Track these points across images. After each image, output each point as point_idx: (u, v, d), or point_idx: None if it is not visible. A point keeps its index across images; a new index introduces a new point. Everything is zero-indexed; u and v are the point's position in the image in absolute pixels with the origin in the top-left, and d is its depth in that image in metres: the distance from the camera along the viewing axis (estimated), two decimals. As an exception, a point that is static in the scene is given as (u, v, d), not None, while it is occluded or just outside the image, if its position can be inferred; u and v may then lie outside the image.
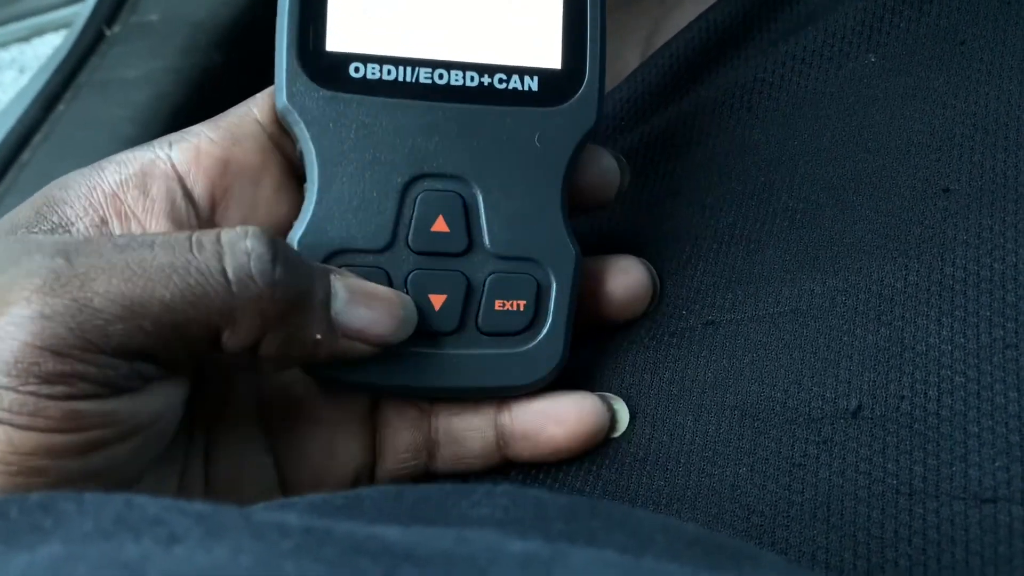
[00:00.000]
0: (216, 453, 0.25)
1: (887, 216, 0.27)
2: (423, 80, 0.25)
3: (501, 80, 0.26)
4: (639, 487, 0.26)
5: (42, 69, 0.45)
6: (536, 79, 0.26)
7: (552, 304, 0.26)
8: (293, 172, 0.26)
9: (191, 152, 0.24)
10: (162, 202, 0.24)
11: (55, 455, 0.20)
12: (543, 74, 0.26)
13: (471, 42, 0.25)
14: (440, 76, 0.25)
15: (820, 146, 0.30)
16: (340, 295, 0.23)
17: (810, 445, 0.24)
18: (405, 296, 0.25)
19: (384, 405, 0.27)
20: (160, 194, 0.24)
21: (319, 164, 0.25)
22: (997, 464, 0.22)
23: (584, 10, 0.26)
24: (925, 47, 0.30)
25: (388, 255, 0.25)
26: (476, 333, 0.26)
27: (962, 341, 0.24)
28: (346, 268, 0.25)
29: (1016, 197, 0.26)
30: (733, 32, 0.34)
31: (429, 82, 0.25)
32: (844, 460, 0.24)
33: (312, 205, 0.25)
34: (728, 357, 0.27)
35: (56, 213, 0.23)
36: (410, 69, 0.25)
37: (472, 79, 0.25)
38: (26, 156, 0.41)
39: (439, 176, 0.25)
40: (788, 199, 0.29)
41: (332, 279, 0.23)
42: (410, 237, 0.25)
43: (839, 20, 0.32)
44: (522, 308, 0.26)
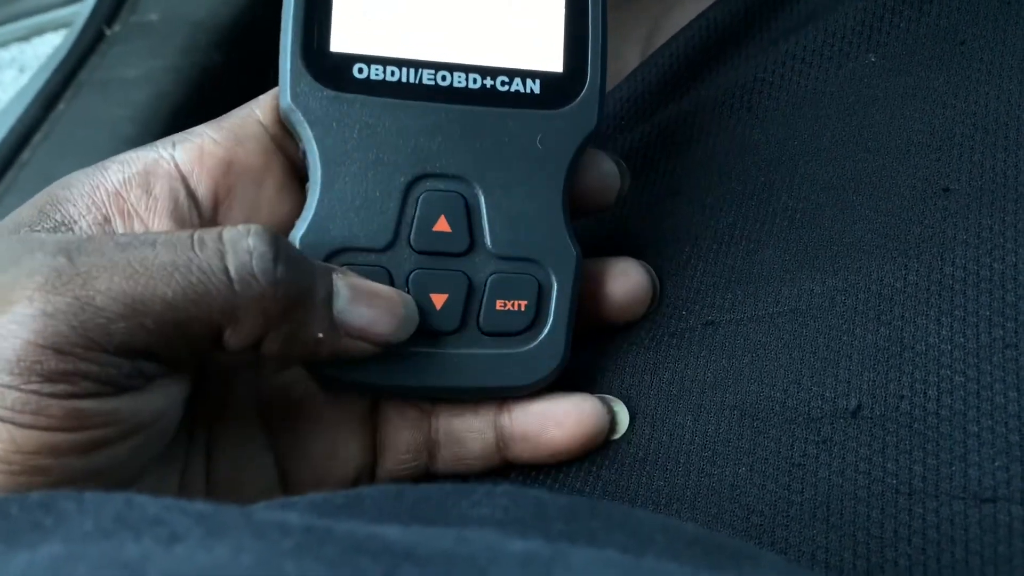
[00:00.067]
0: (217, 452, 0.25)
1: (887, 216, 0.27)
2: (426, 81, 0.25)
3: (503, 82, 0.26)
4: (639, 487, 0.26)
5: (42, 68, 0.44)
6: (538, 82, 0.26)
7: (553, 304, 0.26)
8: (295, 173, 0.26)
9: (194, 152, 0.24)
10: (165, 201, 0.24)
11: (57, 454, 0.20)
12: (545, 77, 0.26)
13: (474, 44, 0.26)
14: (443, 78, 0.25)
15: (820, 146, 0.30)
16: (342, 294, 0.23)
17: (810, 445, 0.24)
18: (407, 295, 0.25)
19: (385, 405, 0.27)
20: (163, 193, 0.24)
21: (322, 163, 0.25)
22: (997, 464, 0.22)
23: (586, 13, 0.26)
24: (925, 47, 0.30)
25: (390, 254, 0.25)
26: (477, 333, 0.26)
27: (962, 341, 0.24)
28: (348, 267, 0.25)
29: (1016, 197, 0.26)
30: (733, 31, 0.34)
31: (432, 83, 0.25)
32: (844, 460, 0.24)
33: (314, 204, 0.25)
34: (728, 357, 0.27)
35: (59, 211, 0.23)
36: (413, 70, 0.25)
37: (475, 81, 0.25)
38: (26, 155, 0.41)
39: (441, 176, 0.25)
40: (788, 199, 0.29)
41: (334, 278, 0.23)
42: (412, 237, 0.25)
43: (839, 19, 0.32)
44: (523, 308, 0.26)
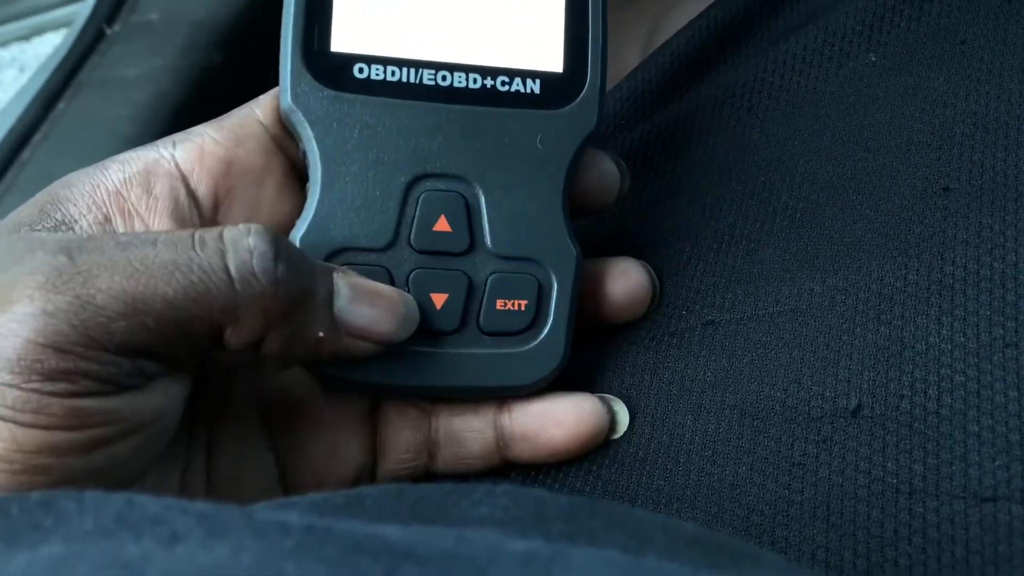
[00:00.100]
0: (218, 451, 0.25)
1: (887, 215, 0.27)
2: (427, 81, 0.25)
3: (504, 82, 0.26)
4: (639, 487, 0.26)
5: (42, 68, 0.44)
6: (538, 82, 0.26)
7: (553, 304, 0.26)
8: (295, 173, 0.26)
9: (195, 152, 0.24)
10: (165, 201, 0.24)
11: (58, 453, 0.20)
12: (545, 77, 0.26)
13: (474, 44, 0.26)
14: (443, 78, 0.25)
15: (820, 145, 0.30)
16: (343, 293, 0.23)
17: (810, 444, 0.24)
18: (407, 295, 0.25)
19: (385, 405, 0.27)
20: (164, 193, 0.24)
21: (322, 163, 0.25)
22: (997, 463, 0.22)
23: (586, 13, 0.26)
24: (925, 46, 0.30)
25: (390, 254, 0.25)
26: (477, 332, 0.26)
27: (962, 340, 0.24)
28: (348, 266, 0.25)
29: (1016, 196, 0.26)
30: (734, 30, 0.34)
31: (432, 83, 0.25)
32: (844, 459, 0.24)
33: (315, 204, 0.25)
34: (728, 357, 0.27)
35: (59, 211, 0.23)
36: (414, 70, 0.25)
37: (475, 81, 0.25)
38: (26, 155, 0.41)
39: (442, 176, 0.25)
40: (788, 198, 0.29)
41: (335, 277, 0.23)
42: (412, 236, 0.25)
43: (840, 19, 0.32)
44: (523, 308, 0.26)
